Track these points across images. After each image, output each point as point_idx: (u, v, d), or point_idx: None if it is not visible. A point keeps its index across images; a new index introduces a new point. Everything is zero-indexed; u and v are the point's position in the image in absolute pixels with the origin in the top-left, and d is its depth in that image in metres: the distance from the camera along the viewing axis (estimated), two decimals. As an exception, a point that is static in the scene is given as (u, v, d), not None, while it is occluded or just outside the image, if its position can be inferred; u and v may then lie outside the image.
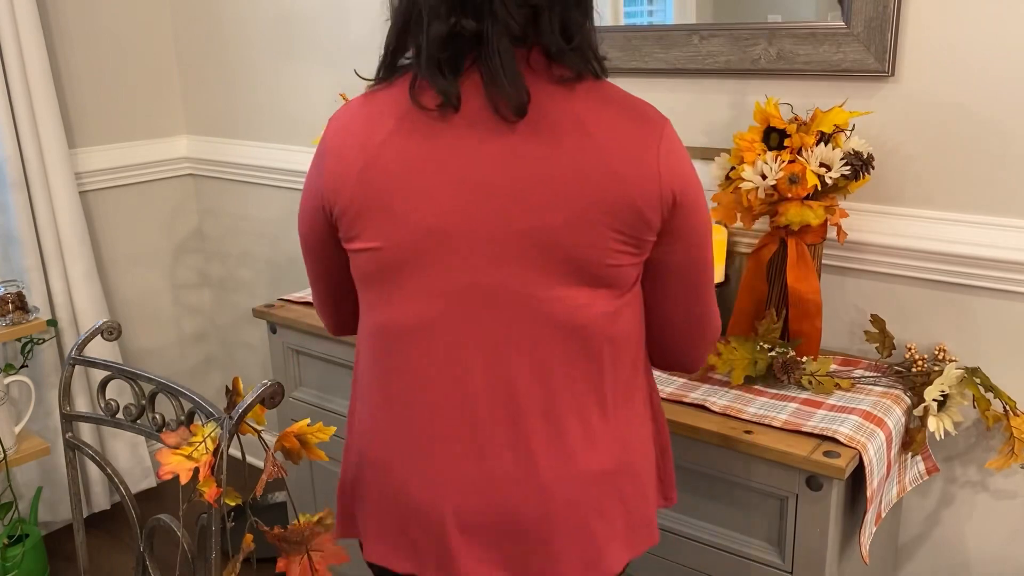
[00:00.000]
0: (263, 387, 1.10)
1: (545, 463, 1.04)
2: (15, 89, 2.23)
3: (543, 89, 0.97)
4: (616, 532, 1.08)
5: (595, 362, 1.04)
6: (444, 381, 1.04)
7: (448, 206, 0.98)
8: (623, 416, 1.09)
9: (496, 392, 1.03)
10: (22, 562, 2.16)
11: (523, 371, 1.02)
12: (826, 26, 1.52)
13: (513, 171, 0.96)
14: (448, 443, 1.05)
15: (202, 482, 1.04)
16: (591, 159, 0.95)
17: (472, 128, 0.97)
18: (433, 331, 1.03)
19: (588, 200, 0.95)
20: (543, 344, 1.01)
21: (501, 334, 1.01)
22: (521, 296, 0.99)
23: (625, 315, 1.05)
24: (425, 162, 0.98)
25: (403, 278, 1.02)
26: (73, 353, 1.41)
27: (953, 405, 1.42)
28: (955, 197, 1.49)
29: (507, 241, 0.98)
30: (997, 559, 1.58)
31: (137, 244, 2.70)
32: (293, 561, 1.19)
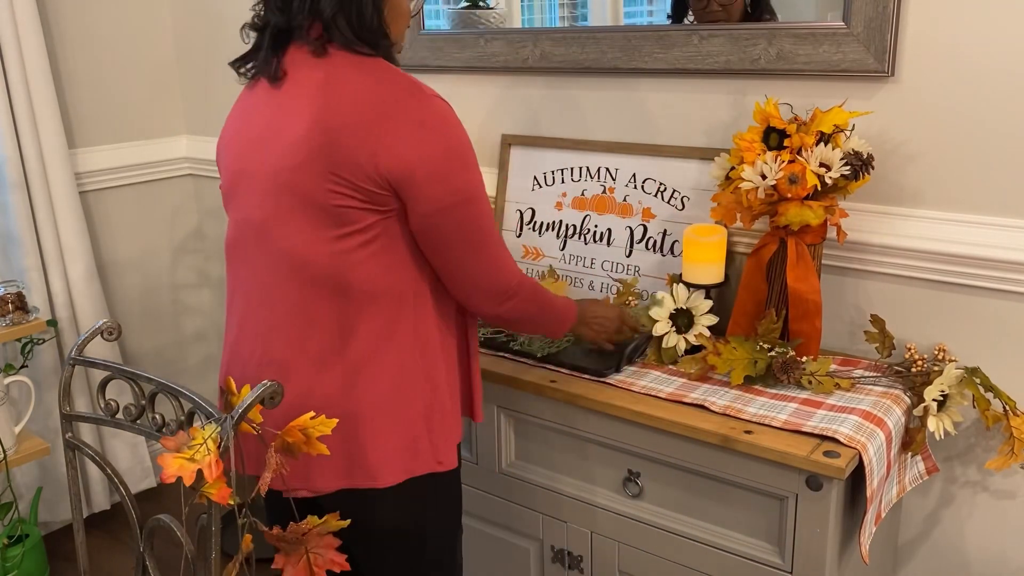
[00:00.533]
0: (263, 387, 1.11)
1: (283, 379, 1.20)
2: (15, 89, 2.23)
3: (303, 62, 1.21)
4: (331, 458, 1.22)
5: (331, 297, 1.22)
6: (236, 295, 1.32)
7: (240, 152, 1.28)
8: (361, 362, 1.24)
9: (257, 310, 1.28)
10: (22, 562, 2.16)
11: (270, 295, 1.26)
12: (826, 26, 1.52)
13: (271, 124, 1.22)
14: (230, 344, 1.34)
15: (211, 483, 1.04)
16: (320, 115, 1.16)
17: (260, 96, 1.26)
18: (232, 255, 1.33)
19: (312, 148, 1.16)
20: (283, 272, 1.24)
21: (256, 260, 1.27)
22: (265, 229, 1.24)
23: (372, 261, 1.21)
24: (238, 123, 1.31)
25: (227, 209, 1.33)
26: (73, 353, 1.41)
27: (953, 405, 1.42)
28: (955, 197, 1.49)
29: (265, 182, 1.23)
30: (997, 559, 1.58)
31: (137, 244, 2.70)
32: (290, 561, 1.19)
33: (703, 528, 1.45)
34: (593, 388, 1.50)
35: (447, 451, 1.34)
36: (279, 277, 1.25)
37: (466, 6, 2.02)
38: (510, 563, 1.72)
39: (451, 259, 1.25)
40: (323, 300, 1.23)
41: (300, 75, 1.21)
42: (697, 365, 1.51)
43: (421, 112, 1.17)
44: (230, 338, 1.36)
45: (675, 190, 1.74)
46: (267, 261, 1.25)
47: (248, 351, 1.30)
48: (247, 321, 1.31)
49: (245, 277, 1.30)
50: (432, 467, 1.32)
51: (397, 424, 1.28)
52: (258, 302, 1.28)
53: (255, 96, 1.28)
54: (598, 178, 1.84)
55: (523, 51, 1.90)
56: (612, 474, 1.53)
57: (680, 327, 1.58)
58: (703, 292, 1.59)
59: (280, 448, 1.15)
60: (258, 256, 1.26)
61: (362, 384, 1.25)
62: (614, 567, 1.57)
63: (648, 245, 1.77)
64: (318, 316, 1.24)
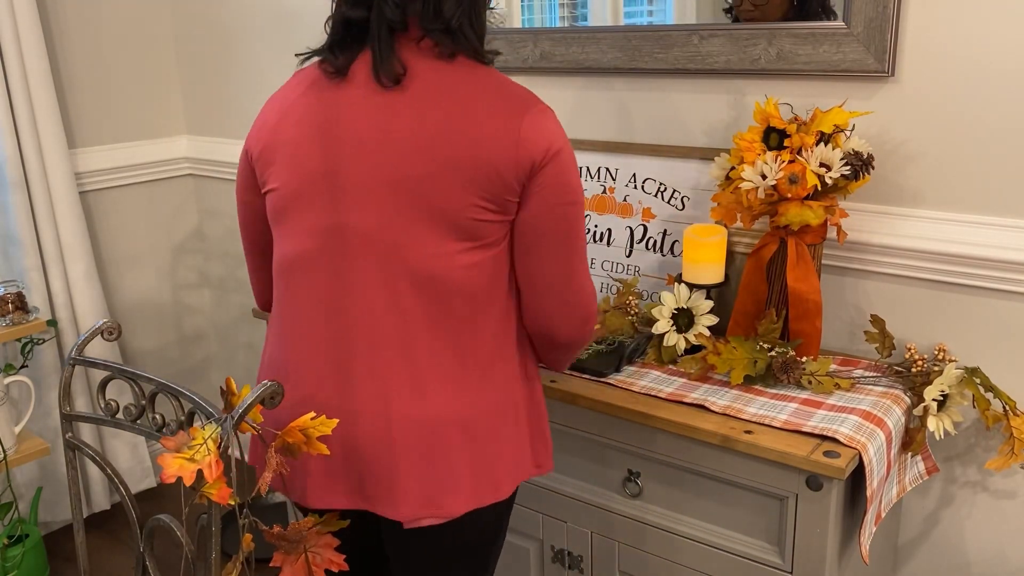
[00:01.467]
0: (263, 387, 1.11)
1: (396, 400, 1.15)
2: (15, 89, 2.23)
3: (426, 64, 1.13)
4: (458, 479, 1.18)
5: (450, 312, 1.15)
6: (316, 313, 1.18)
7: (330, 153, 1.14)
8: (483, 373, 1.18)
9: (358, 326, 1.16)
10: (22, 562, 2.16)
11: (380, 309, 1.15)
12: (826, 26, 1.52)
13: (385, 128, 1.12)
14: (312, 370, 1.19)
15: (211, 484, 1.04)
16: (455, 122, 1.10)
17: (358, 93, 1.14)
18: (308, 266, 1.18)
19: (447, 156, 1.09)
20: (400, 285, 1.14)
21: (364, 272, 1.15)
22: (381, 239, 1.13)
23: (488, 274, 1.16)
24: (319, 118, 1.16)
25: (291, 216, 1.18)
26: (73, 353, 1.41)
27: (953, 405, 1.42)
28: (955, 197, 1.49)
29: (375, 188, 1.12)
30: (997, 559, 1.58)
31: (137, 244, 2.70)
32: (288, 560, 1.19)
33: (703, 528, 1.45)
34: (593, 388, 1.50)
35: (546, 454, 1.30)
36: (399, 288, 1.14)
37: (466, 6, 2.01)
38: (510, 563, 1.72)
39: (549, 262, 1.18)
40: (445, 310, 1.15)
41: (426, 77, 1.12)
42: (697, 365, 1.51)
43: (547, 118, 1.15)
44: (309, 355, 1.20)
45: (675, 190, 1.74)
46: (381, 272, 1.14)
47: (352, 368, 1.17)
48: (347, 337, 1.17)
49: (342, 289, 1.16)
50: (532, 472, 1.27)
51: (514, 431, 1.23)
52: (364, 316, 1.15)
53: (347, 92, 1.14)
54: (598, 178, 1.84)
55: (523, 51, 1.89)
56: (612, 474, 1.53)
57: (680, 326, 1.58)
58: (703, 292, 1.59)
59: (280, 448, 1.15)
60: (366, 267, 1.14)
61: (485, 394, 1.19)
62: (614, 567, 1.57)
63: (648, 245, 1.77)
64: (440, 327, 1.16)
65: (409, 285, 1.14)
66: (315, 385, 1.19)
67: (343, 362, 1.17)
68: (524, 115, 1.12)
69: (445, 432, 1.16)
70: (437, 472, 1.17)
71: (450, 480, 1.17)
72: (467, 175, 1.10)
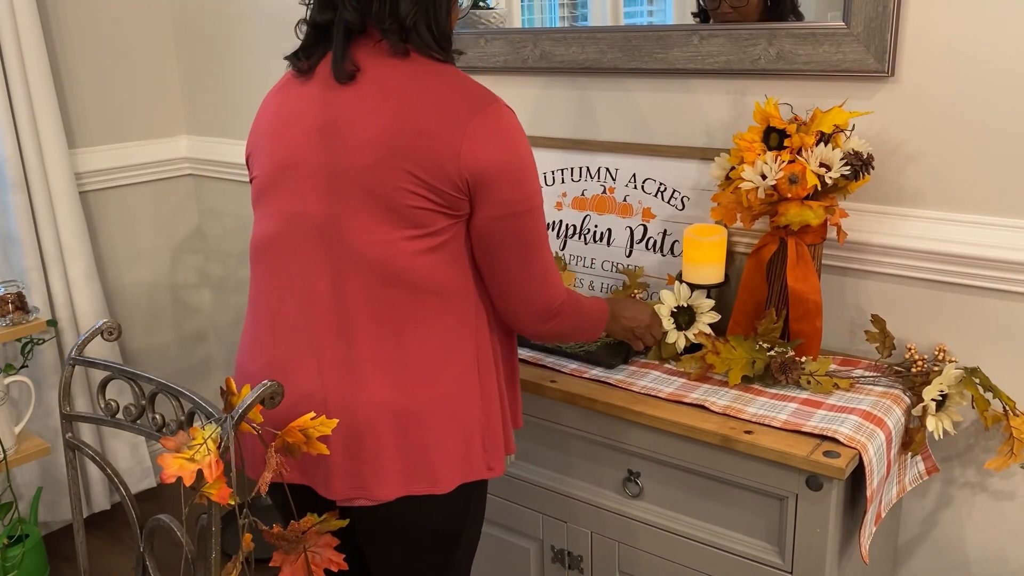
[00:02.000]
0: (263, 387, 1.11)
1: (332, 383, 1.22)
2: (15, 89, 2.23)
3: (379, 62, 1.20)
4: (389, 464, 1.23)
5: (395, 301, 1.20)
6: (276, 293, 1.26)
7: (294, 143, 1.23)
8: (426, 365, 1.22)
9: (306, 308, 1.24)
10: (22, 562, 2.16)
11: (325, 294, 1.22)
12: (826, 26, 1.52)
13: (337, 121, 1.20)
14: (265, 349, 1.28)
15: (211, 484, 1.04)
16: (403, 114, 1.16)
17: (316, 90, 1.23)
18: (273, 248, 1.26)
19: (392, 146, 1.15)
20: (345, 272, 1.21)
21: (314, 257, 1.22)
22: (330, 225, 1.20)
23: (442, 268, 1.21)
24: (285, 112, 1.26)
25: (264, 202, 1.28)
26: (73, 353, 1.41)
27: (952, 405, 1.42)
28: (955, 197, 1.49)
29: (330, 176, 1.20)
30: (996, 559, 1.58)
31: (137, 244, 2.70)
32: (287, 560, 1.19)
33: (703, 528, 1.45)
34: (593, 388, 1.50)
35: (497, 458, 1.33)
36: (344, 274, 1.21)
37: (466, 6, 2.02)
38: (510, 563, 1.72)
39: (505, 267, 1.24)
40: (389, 299, 1.21)
41: (376, 73, 1.19)
42: (696, 364, 1.51)
43: (499, 119, 1.18)
44: (264, 333, 1.28)
45: (675, 190, 1.74)
46: (329, 257, 1.21)
47: (295, 348, 1.25)
48: (295, 317, 1.25)
49: (295, 272, 1.24)
50: (483, 473, 1.30)
51: (457, 428, 1.26)
52: (311, 299, 1.23)
53: (310, 89, 1.24)
54: (598, 178, 1.84)
55: (523, 51, 1.89)
56: (612, 474, 1.53)
57: (681, 324, 1.58)
58: (703, 292, 1.59)
59: (280, 448, 1.15)
60: (316, 252, 1.22)
61: (426, 387, 1.23)
62: (614, 567, 1.57)
63: (648, 245, 1.77)
64: (383, 314, 1.21)
65: (354, 271, 1.20)
66: (265, 363, 1.28)
67: (291, 342, 1.25)
68: (474, 115, 1.16)
69: (377, 418, 1.22)
70: (366, 456, 1.22)
71: (378, 465, 1.22)
72: (408, 163, 1.15)
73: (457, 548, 1.37)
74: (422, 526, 1.30)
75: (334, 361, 1.22)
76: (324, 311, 1.22)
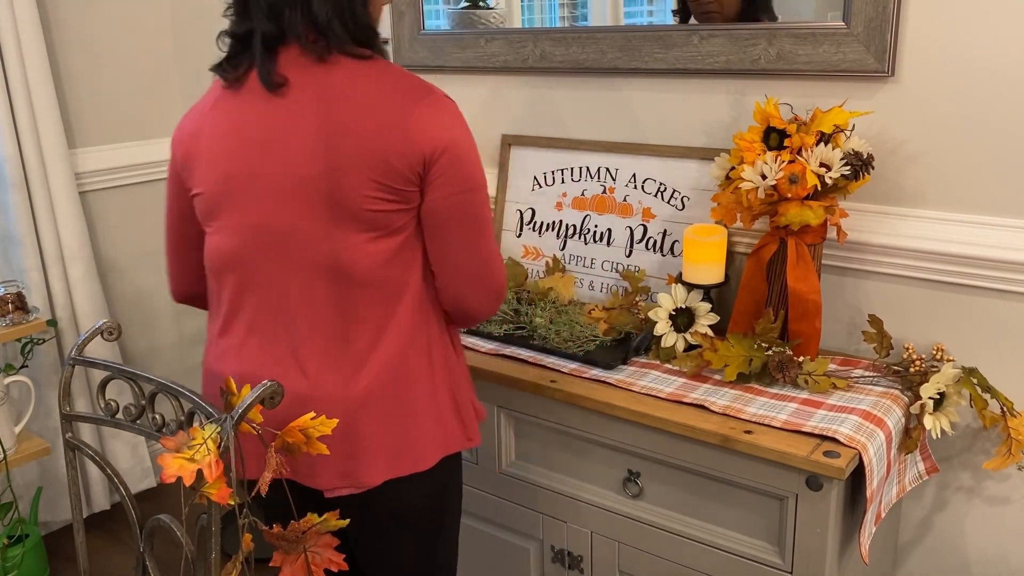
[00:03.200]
0: (263, 387, 1.11)
1: (316, 381, 1.25)
2: (15, 89, 2.23)
3: (305, 69, 1.20)
4: (371, 450, 1.26)
5: (363, 297, 1.23)
6: (249, 301, 1.28)
7: (239, 156, 1.24)
8: (397, 350, 1.26)
9: (281, 314, 1.26)
10: (22, 562, 2.16)
11: (300, 298, 1.25)
12: (826, 26, 1.52)
13: (276, 129, 1.21)
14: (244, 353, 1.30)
15: (211, 484, 1.04)
16: (344, 121, 1.17)
17: (253, 100, 1.23)
18: (240, 261, 1.27)
19: (341, 152, 1.16)
20: (314, 275, 1.23)
21: (284, 265, 1.24)
22: (295, 235, 1.22)
23: (396, 261, 1.23)
24: (226, 125, 1.26)
25: (217, 216, 1.28)
26: (73, 353, 1.41)
27: (950, 405, 1.42)
28: (954, 197, 1.49)
29: (284, 187, 1.21)
30: (996, 559, 1.58)
31: (137, 244, 2.70)
32: (287, 560, 1.19)
33: (703, 528, 1.45)
34: (593, 388, 1.50)
35: (473, 427, 1.37)
36: (311, 279, 1.23)
37: (466, 6, 2.02)
38: (510, 563, 1.72)
39: (456, 247, 1.26)
40: (357, 298, 1.24)
41: (303, 81, 1.19)
42: (693, 361, 1.51)
43: (439, 105, 1.21)
44: (241, 340, 1.30)
45: (675, 190, 1.74)
46: (296, 264, 1.23)
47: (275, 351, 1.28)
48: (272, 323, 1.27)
49: (264, 281, 1.26)
50: (463, 443, 1.35)
51: (433, 404, 1.30)
52: (284, 304, 1.26)
53: (244, 100, 1.24)
54: (598, 178, 1.84)
55: (523, 51, 1.90)
56: (612, 474, 1.53)
57: (679, 326, 1.58)
58: (701, 292, 1.59)
59: (280, 448, 1.15)
60: (283, 260, 1.24)
61: (402, 374, 1.27)
62: (614, 567, 1.57)
63: (648, 245, 1.77)
64: (353, 313, 1.25)
65: (321, 276, 1.23)
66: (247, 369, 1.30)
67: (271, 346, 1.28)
68: (413, 108, 1.18)
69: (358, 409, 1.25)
70: (350, 446, 1.26)
71: (361, 452, 1.26)
72: (361, 169, 1.16)
73: (442, 527, 1.41)
74: (409, 507, 1.33)
75: (314, 360, 1.26)
76: (298, 315, 1.25)
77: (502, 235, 1.97)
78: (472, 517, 1.74)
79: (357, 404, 1.25)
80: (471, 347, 1.67)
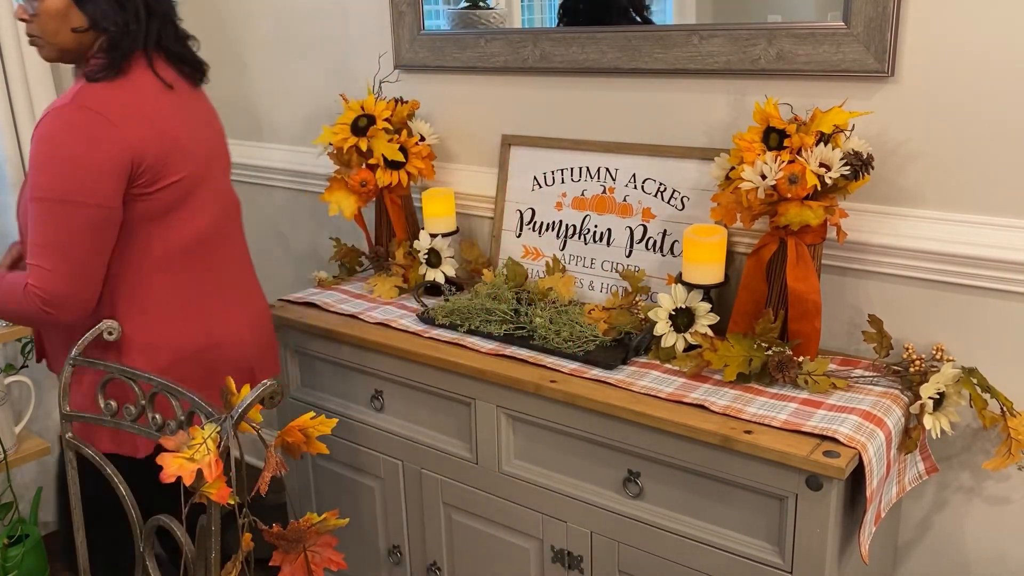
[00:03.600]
0: (263, 387, 1.11)
1: (262, 337, 1.73)
2: (15, 89, 2.23)
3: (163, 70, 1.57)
4: None
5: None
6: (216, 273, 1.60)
7: (203, 140, 1.57)
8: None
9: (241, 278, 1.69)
10: (22, 562, 2.16)
11: (244, 267, 1.70)
12: (826, 26, 1.52)
13: (205, 118, 1.63)
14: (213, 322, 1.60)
15: (211, 483, 1.04)
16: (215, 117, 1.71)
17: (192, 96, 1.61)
18: (213, 237, 1.58)
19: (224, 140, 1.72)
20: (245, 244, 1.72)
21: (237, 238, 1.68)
22: (239, 209, 1.69)
23: None
24: (187, 117, 1.55)
25: (193, 198, 1.53)
26: (73, 353, 1.41)
27: (950, 404, 1.42)
28: (954, 197, 1.49)
29: (228, 167, 1.68)
30: (996, 558, 1.58)
31: (137, 244, 2.69)
32: (287, 560, 1.19)
33: (703, 528, 1.45)
34: (593, 388, 1.50)
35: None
36: (243, 240, 1.67)
37: (466, 6, 2.02)
38: (510, 563, 1.72)
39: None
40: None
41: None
42: (692, 361, 1.51)
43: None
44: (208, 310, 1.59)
45: (675, 190, 1.74)
46: (240, 236, 1.64)
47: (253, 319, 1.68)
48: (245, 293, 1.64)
49: (231, 255, 1.61)
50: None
51: None
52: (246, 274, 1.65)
53: (177, 95, 1.54)
54: (598, 178, 1.84)
55: (523, 51, 1.90)
56: (612, 474, 1.53)
57: (679, 326, 1.58)
58: (701, 292, 1.59)
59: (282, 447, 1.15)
60: (238, 230, 1.62)
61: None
62: (614, 567, 1.57)
63: (648, 245, 1.77)
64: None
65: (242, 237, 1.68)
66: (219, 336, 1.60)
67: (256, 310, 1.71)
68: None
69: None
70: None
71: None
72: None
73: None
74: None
75: (258, 316, 1.69)
76: (250, 275, 1.67)
77: (502, 235, 1.97)
78: (472, 517, 1.74)
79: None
80: (471, 347, 1.67)
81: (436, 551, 1.83)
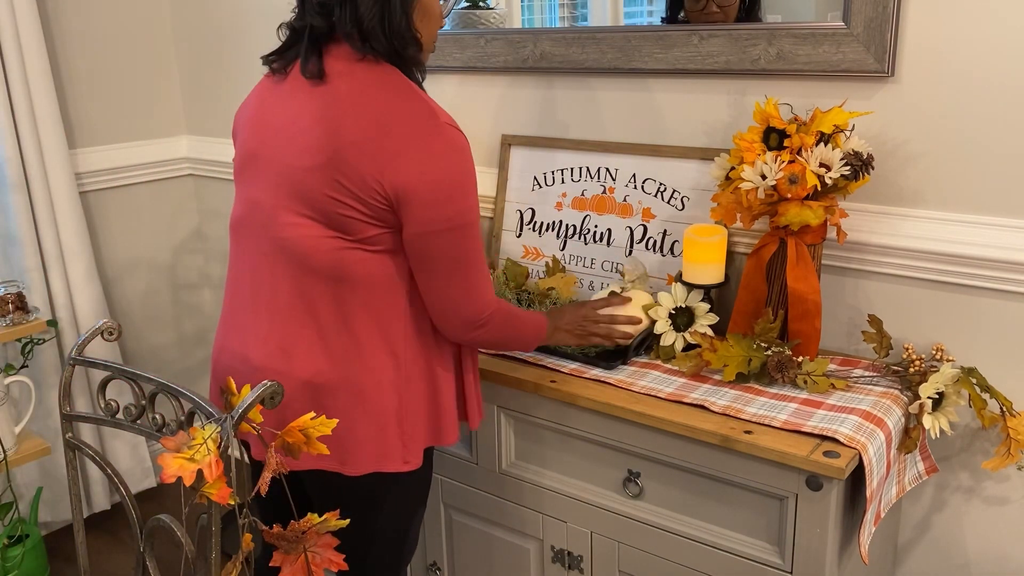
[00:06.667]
0: (263, 387, 1.11)
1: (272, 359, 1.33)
2: (15, 89, 2.23)
3: (341, 66, 1.26)
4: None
5: (316, 288, 1.30)
6: (239, 270, 1.40)
7: (259, 136, 1.35)
8: (348, 347, 1.32)
9: (255, 289, 1.36)
10: (22, 562, 2.16)
11: (267, 275, 1.34)
12: (826, 26, 1.52)
13: (294, 120, 1.28)
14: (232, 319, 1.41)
15: (211, 483, 1.04)
16: (342, 125, 1.23)
17: (288, 90, 1.32)
18: (239, 230, 1.39)
19: (328, 155, 1.22)
20: (278, 258, 1.32)
21: (261, 240, 1.35)
22: (271, 216, 1.31)
23: (367, 264, 1.28)
24: (263, 106, 1.36)
25: (237, 185, 1.40)
26: (73, 353, 1.41)
27: (949, 404, 1.42)
28: (954, 197, 1.49)
29: (279, 173, 1.30)
30: (996, 558, 1.58)
31: (137, 244, 2.70)
32: (288, 560, 1.19)
33: (703, 528, 1.45)
34: (593, 388, 1.50)
35: (415, 452, 1.38)
36: (278, 261, 1.32)
37: (466, 6, 2.02)
38: (510, 563, 1.72)
39: (431, 278, 1.30)
40: (319, 288, 1.30)
41: (336, 80, 1.26)
42: (692, 361, 1.51)
43: (431, 139, 1.22)
44: (234, 306, 1.42)
45: (675, 190, 1.74)
46: (270, 245, 1.32)
47: (252, 324, 1.37)
48: (249, 297, 1.38)
49: (251, 251, 1.37)
50: (399, 465, 1.37)
51: (370, 415, 1.33)
52: (260, 278, 1.35)
53: (283, 87, 1.32)
54: (598, 178, 1.84)
55: (523, 51, 1.90)
56: (612, 474, 1.53)
57: (679, 326, 1.58)
58: (701, 292, 1.59)
59: (280, 447, 1.15)
60: (263, 237, 1.33)
61: (345, 372, 1.32)
62: (614, 567, 1.57)
63: (648, 245, 1.77)
64: (313, 301, 1.31)
65: (283, 259, 1.31)
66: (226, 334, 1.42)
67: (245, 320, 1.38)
68: (406, 133, 1.21)
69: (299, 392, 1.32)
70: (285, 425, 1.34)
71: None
72: (337, 173, 1.22)
73: (369, 543, 1.43)
74: (334, 504, 1.34)
75: (272, 339, 1.34)
76: (265, 292, 1.34)
77: (502, 235, 1.97)
78: (472, 517, 1.74)
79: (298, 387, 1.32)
80: (471, 347, 1.68)
81: (436, 551, 1.83)
